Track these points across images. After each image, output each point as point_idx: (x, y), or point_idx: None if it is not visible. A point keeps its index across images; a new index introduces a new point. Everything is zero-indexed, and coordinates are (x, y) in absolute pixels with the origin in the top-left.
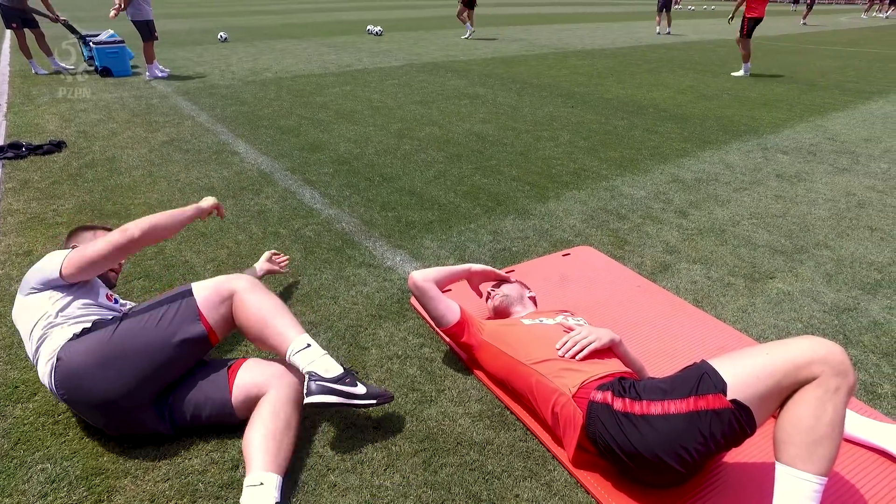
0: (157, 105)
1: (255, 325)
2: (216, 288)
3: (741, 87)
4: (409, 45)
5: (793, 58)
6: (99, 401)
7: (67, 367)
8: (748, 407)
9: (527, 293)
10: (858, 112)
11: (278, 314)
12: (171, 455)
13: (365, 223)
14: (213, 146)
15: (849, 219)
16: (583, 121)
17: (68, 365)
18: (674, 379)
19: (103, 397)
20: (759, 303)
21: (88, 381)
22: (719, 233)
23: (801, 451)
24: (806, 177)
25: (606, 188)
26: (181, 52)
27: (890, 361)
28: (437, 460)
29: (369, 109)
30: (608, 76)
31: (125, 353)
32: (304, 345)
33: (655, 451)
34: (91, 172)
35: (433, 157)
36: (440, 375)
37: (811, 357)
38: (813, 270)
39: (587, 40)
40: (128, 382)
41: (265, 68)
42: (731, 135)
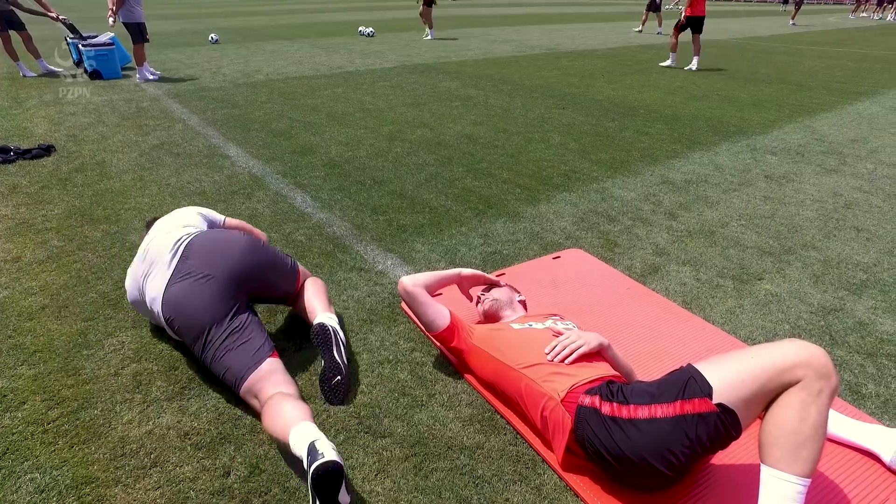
0: (147, 108)
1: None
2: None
3: (730, 88)
4: (401, 47)
5: (782, 58)
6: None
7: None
8: (733, 410)
9: (517, 297)
10: (846, 112)
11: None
12: (161, 462)
13: (356, 227)
14: (204, 150)
15: (836, 219)
16: (574, 122)
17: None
18: (661, 383)
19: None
20: (747, 304)
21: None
22: (708, 234)
23: (786, 454)
24: (794, 178)
25: (597, 190)
26: (172, 53)
27: (874, 361)
28: (428, 465)
29: (361, 112)
30: (599, 77)
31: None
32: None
33: (643, 455)
34: (81, 177)
35: (424, 160)
36: (431, 380)
37: (795, 360)
38: (800, 271)
39: (578, 41)
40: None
41: (256, 70)
42: (720, 136)
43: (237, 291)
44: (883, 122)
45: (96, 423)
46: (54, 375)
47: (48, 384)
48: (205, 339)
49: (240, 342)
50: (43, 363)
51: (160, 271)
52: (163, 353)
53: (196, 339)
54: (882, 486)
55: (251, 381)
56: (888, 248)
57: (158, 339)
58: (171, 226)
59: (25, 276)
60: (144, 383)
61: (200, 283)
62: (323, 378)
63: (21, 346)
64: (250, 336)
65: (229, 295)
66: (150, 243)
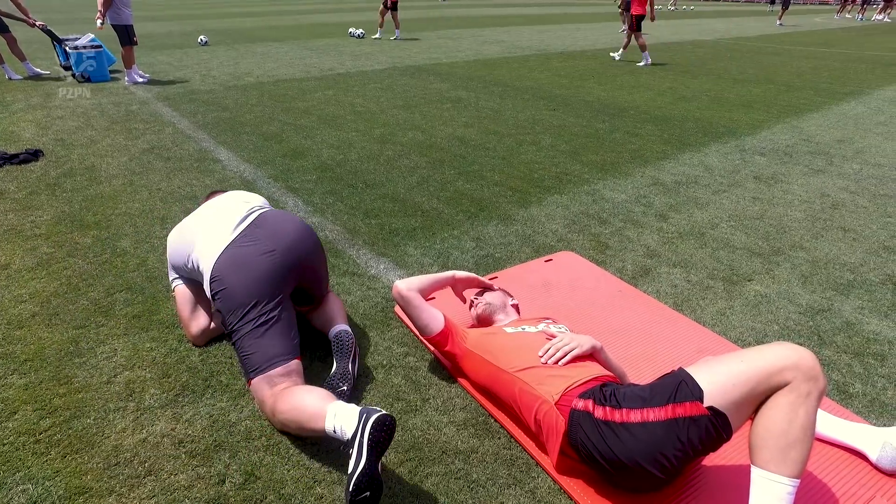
0: (136, 111)
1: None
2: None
3: (719, 89)
4: (391, 48)
5: (770, 59)
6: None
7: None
8: (724, 413)
9: (510, 301)
10: (832, 113)
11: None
12: (156, 471)
13: (348, 231)
14: (194, 154)
15: (823, 220)
16: (565, 124)
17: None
18: (653, 387)
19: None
20: (737, 305)
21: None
22: (699, 236)
23: (775, 455)
24: (782, 178)
25: (588, 192)
26: (161, 56)
27: (861, 361)
28: (423, 470)
29: (352, 114)
30: (589, 78)
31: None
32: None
33: (635, 458)
34: (70, 182)
35: (416, 163)
36: (425, 384)
37: (784, 363)
38: (789, 272)
39: (568, 42)
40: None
41: (246, 73)
42: (710, 137)
43: (290, 276)
44: (868, 122)
45: (89, 432)
46: (46, 384)
47: (40, 393)
48: (246, 311)
49: (279, 331)
50: (34, 372)
51: (223, 231)
52: (156, 360)
53: (238, 307)
54: (868, 484)
55: (278, 371)
56: (874, 249)
57: (151, 347)
58: (239, 199)
59: (15, 284)
60: (137, 391)
61: (264, 255)
62: (329, 384)
63: (11, 355)
64: (290, 330)
65: (284, 278)
66: (216, 204)
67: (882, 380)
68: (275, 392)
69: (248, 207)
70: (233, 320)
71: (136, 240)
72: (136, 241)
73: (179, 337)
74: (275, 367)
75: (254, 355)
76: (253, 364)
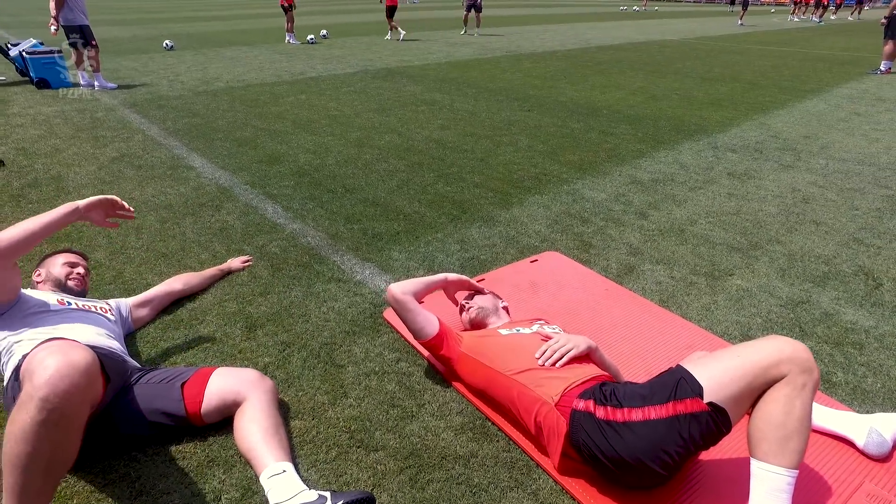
0: (102, 119)
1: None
2: (222, 394)
3: (688, 88)
4: (362, 51)
5: (733, 57)
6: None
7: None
8: (724, 408)
9: (500, 303)
10: (796, 110)
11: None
12: (147, 491)
13: (331, 237)
14: (166, 161)
15: (796, 214)
16: (540, 124)
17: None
18: (652, 384)
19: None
20: (720, 300)
21: None
22: (679, 232)
23: (774, 447)
24: (755, 174)
25: (568, 192)
26: (125, 61)
27: (841, 350)
28: (424, 476)
29: (327, 119)
30: (561, 78)
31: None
32: (279, 470)
33: (638, 457)
34: (35, 192)
35: (395, 166)
36: (419, 390)
37: (779, 357)
38: (768, 266)
39: (537, 43)
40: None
41: (216, 77)
42: (682, 135)
43: None
44: (830, 118)
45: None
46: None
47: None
48: None
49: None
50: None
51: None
52: None
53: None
54: (857, 471)
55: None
56: (845, 241)
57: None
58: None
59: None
60: None
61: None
62: None
63: None
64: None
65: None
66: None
67: (862, 368)
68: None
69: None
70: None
71: (111, 251)
72: (111, 253)
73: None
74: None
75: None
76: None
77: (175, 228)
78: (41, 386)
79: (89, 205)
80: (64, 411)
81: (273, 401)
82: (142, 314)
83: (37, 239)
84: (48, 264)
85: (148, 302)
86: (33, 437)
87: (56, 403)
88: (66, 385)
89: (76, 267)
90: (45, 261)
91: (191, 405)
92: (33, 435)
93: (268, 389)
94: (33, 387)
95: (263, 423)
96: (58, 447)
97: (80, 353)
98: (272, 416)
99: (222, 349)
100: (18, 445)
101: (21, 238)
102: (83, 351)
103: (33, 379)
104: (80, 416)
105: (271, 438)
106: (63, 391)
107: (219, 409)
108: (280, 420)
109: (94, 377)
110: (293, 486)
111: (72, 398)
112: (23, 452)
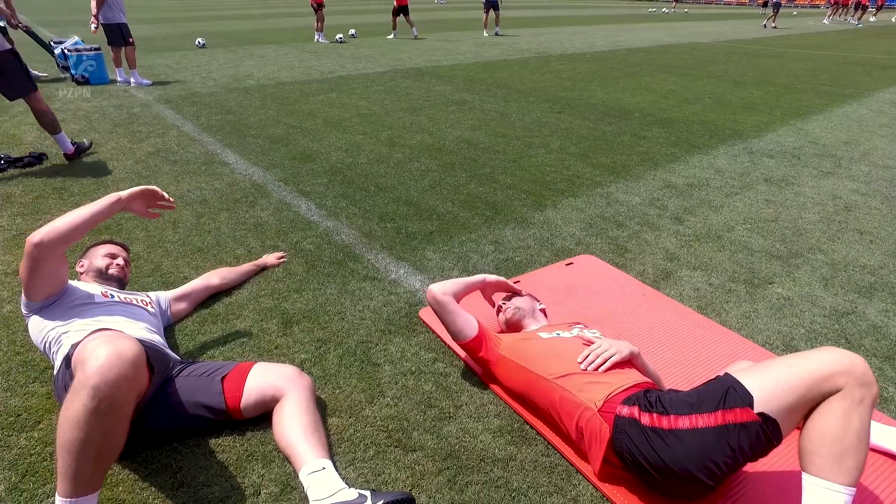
0: (138, 114)
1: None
2: (261, 389)
3: (721, 91)
4: (391, 51)
5: (767, 61)
6: None
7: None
8: (775, 419)
9: (538, 306)
10: (835, 115)
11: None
12: (189, 482)
13: (364, 235)
14: (201, 156)
15: (838, 222)
16: (571, 126)
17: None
18: (699, 392)
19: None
20: (761, 309)
21: None
22: (716, 238)
23: (829, 462)
24: (793, 181)
25: (602, 195)
26: (159, 58)
27: (892, 364)
28: (462, 478)
29: (357, 117)
30: (591, 80)
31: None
32: (318, 467)
33: (685, 466)
34: (77, 185)
35: (427, 166)
36: (456, 391)
37: (835, 369)
38: (809, 275)
39: (567, 44)
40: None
41: (247, 75)
42: (717, 139)
43: None
44: (872, 124)
45: None
46: None
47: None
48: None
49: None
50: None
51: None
52: None
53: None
54: None
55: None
56: (892, 251)
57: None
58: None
59: None
60: None
61: None
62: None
63: (31, 363)
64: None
65: None
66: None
67: None
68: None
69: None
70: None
71: (149, 244)
72: (149, 246)
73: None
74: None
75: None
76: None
77: (210, 223)
78: (92, 375)
79: (131, 195)
80: (113, 400)
81: (312, 397)
82: (180, 307)
83: (82, 229)
84: (91, 255)
85: (186, 296)
86: (85, 423)
87: (106, 392)
88: (116, 375)
89: (116, 258)
90: (88, 251)
91: (231, 399)
92: (85, 422)
93: (306, 386)
94: (85, 375)
95: (303, 420)
96: (107, 435)
97: (128, 344)
98: (311, 412)
99: (259, 344)
100: (72, 431)
101: (67, 229)
102: (131, 342)
103: (85, 368)
104: (128, 406)
105: (311, 435)
106: (112, 380)
107: (258, 403)
108: (319, 417)
109: (140, 368)
110: (333, 484)
111: (120, 387)
112: (76, 438)
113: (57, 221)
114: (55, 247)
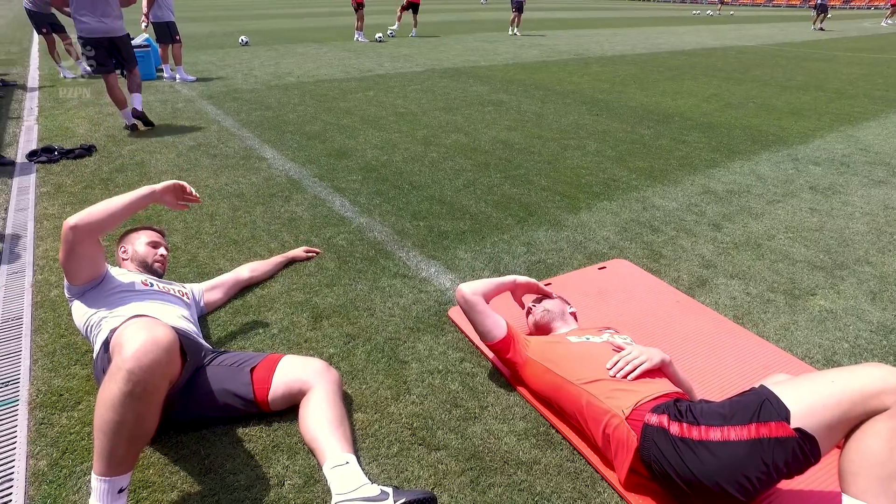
0: (182, 109)
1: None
2: (289, 382)
3: (766, 96)
4: (429, 50)
5: (817, 65)
6: None
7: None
8: (813, 436)
9: (568, 309)
10: (890, 122)
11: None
12: (215, 469)
13: (397, 232)
14: (240, 151)
15: (889, 234)
16: (608, 129)
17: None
18: (732, 403)
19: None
20: (801, 321)
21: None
22: (755, 247)
23: (873, 485)
24: (841, 189)
25: (637, 199)
26: (203, 55)
27: None
28: (485, 480)
29: (394, 115)
30: (630, 83)
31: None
32: (342, 461)
33: (716, 479)
34: (121, 177)
35: (461, 165)
36: (482, 391)
37: (882, 387)
38: (855, 287)
39: (606, 46)
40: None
41: (287, 72)
42: (759, 145)
43: None
44: None
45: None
46: None
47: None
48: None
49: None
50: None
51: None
52: None
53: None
54: None
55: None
56: None
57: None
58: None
59: None
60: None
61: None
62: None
63: (73, 346)
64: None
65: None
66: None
67: None
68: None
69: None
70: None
71: (186, 236)
72: (186, 237)
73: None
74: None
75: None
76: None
77: (246, 217)
78: (128, 359)
79: (164, 188)
80: (147, 385)
81: (338, 392)
82: (212, 298)
83: (118, 217)
84: (132, 240)
85: (218, 287)
86: (120, 406)
87: (140, 376)
88: (150, 360)
89: (159, 248)
90: (128, 236)
91: (259, 390)
92: (120, 404)
93: (333, 380)
94: (122, 359)
95: (329, 414)
96: (140, 418)
97: (163, 331)
98: (337, 406)
99: (288, 337)
100: (108, 412)
101: (103, 215)
102: (167, 329)
103: (122, 352)
104: (161, 391)
105: (336, 429)
106: (147, 365)
107: (285, 396)
108: (344, 411)
109: (174, 354)
110: (356, 479)
111: (154, 372)
112: (111, 419)
113: (93, 207)
114: (91, 231)
